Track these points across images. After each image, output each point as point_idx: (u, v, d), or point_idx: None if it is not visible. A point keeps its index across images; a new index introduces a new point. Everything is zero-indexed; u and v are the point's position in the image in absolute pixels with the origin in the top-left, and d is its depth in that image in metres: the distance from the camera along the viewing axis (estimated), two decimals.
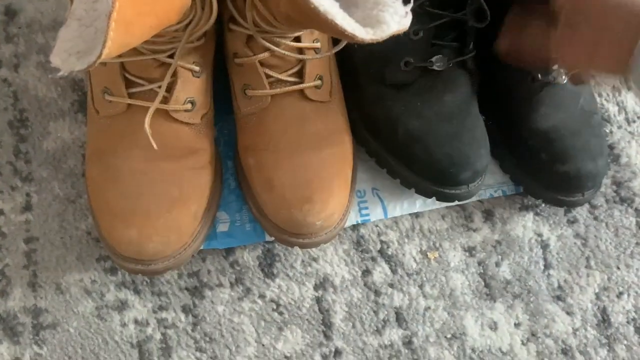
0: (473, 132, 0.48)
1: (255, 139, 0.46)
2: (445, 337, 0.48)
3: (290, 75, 0.45)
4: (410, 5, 0.35)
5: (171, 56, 0.41)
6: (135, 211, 0.41)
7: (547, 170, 0.49)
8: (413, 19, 0.35)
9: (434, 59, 0.48)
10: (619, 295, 0.51)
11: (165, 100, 0.42)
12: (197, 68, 0.43)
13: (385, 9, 0.34)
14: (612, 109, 0.57)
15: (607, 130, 0.56)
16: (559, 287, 0.51)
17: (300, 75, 0.45)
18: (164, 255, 0.41)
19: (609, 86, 0.57)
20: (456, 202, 0.49)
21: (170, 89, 0.42)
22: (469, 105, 0.49)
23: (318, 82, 0.46)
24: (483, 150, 0.48)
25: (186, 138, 0.44)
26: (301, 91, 0.45)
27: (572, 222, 0.53)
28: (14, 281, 0.47)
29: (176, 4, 0.34)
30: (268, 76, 0.44)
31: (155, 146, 0.40)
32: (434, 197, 0.48)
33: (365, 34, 0.33)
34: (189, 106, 0.43)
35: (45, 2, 0.55)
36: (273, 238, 0.47)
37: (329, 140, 0.46)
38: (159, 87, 0.41)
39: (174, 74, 0.42)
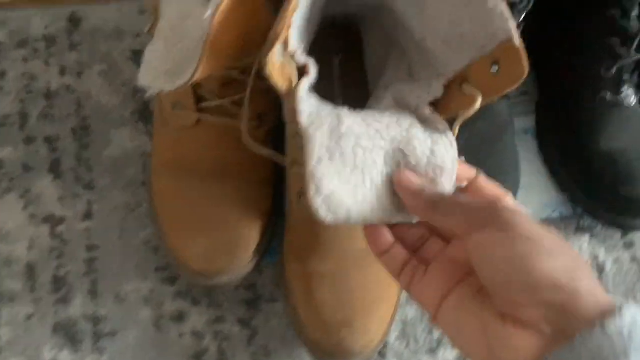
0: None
1: (303, 243, 0.44)
2: None
3: None
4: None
5: (242, 72, 0.41)
6: (204, 223, 0.41)
7: (609, 191, 0.48)
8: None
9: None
10: None
11: (235, 115, 0.42)
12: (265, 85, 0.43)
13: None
14: None
15: None
16: None
17: None
18: (229, 270, 0.42)
19: None
20: None
21: (240, 104, 0.42)
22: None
23: None
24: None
25: (251, 154, 0.44)
26: None
27: (629, 245, 0.52)
28: (75, 288, 0.48)
29: (261, 33, 0.34)
30: None
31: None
32: None
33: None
34: (254, 123, 0.44)
35: (108, 11, 0.55)
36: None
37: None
38: (231, 102, 0.41)
39: (245, 90, 0.42)
